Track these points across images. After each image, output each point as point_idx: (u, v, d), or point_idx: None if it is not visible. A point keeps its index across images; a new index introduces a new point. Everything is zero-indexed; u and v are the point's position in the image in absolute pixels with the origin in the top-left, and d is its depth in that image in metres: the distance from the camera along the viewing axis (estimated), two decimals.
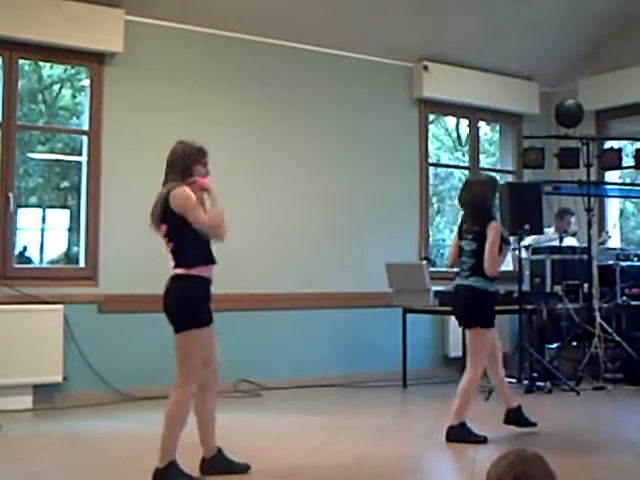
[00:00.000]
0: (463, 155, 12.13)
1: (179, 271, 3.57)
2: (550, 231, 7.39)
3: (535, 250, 7.05)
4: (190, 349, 3.57)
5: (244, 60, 6.76)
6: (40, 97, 10.17)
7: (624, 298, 6.93)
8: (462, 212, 4.94)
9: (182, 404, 3.59)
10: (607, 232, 7.64)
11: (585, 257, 6.88)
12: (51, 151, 9.79)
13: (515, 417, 4.80)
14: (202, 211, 3.58)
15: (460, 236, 4.76)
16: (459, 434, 4.50)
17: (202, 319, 3.59)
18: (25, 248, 9.16)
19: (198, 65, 6.57)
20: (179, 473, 3.56)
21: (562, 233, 7.21)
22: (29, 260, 9.08)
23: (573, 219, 7.42)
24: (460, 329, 6.02)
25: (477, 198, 4.73)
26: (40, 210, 9.96)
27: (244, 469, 3.76)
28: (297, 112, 7.02)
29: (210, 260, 3.63)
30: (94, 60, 6.12)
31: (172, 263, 3.60)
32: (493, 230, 4.59)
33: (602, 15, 7.61)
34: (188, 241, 3.57)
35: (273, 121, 6.88)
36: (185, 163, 3.64)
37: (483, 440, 4.47)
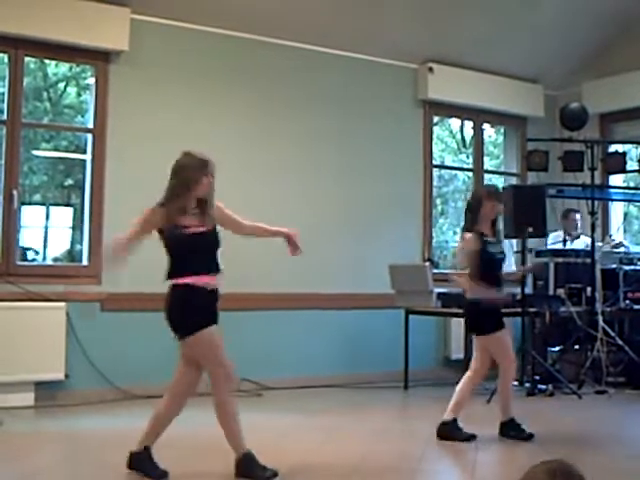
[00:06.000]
0: (467, 157, 12.12)
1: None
2: (559, 234, 7.38)
3: (538, 253, 7.04)
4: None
5: (249, 59, 6.77)
6: (45, 95, 10.17)
7: (627, 302, 6.93)
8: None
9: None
10: (610, 235, 7.63)
11: (588, 260, 6.87)
12: (55, 149, 9.79)
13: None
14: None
15: None
16: (507, 430, 4.59)
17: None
18: (28, 245, 9.16)
19: (203, 64, 6.57)
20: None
21: (574, 234, 7.21)
22: (32, 257, 9.09)
23: (578, 216, 7.42)
24: (462, 331, 6.00)
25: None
26: (44, 208, 9.97)
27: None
28: (301, 112, 7.02)
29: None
30: (99, 58, 6.12)
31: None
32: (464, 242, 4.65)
33: (607, 18, 7.60)
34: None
35: (276, 121, 6.88)
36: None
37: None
